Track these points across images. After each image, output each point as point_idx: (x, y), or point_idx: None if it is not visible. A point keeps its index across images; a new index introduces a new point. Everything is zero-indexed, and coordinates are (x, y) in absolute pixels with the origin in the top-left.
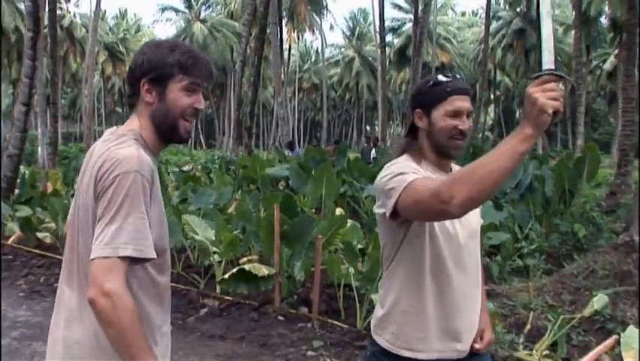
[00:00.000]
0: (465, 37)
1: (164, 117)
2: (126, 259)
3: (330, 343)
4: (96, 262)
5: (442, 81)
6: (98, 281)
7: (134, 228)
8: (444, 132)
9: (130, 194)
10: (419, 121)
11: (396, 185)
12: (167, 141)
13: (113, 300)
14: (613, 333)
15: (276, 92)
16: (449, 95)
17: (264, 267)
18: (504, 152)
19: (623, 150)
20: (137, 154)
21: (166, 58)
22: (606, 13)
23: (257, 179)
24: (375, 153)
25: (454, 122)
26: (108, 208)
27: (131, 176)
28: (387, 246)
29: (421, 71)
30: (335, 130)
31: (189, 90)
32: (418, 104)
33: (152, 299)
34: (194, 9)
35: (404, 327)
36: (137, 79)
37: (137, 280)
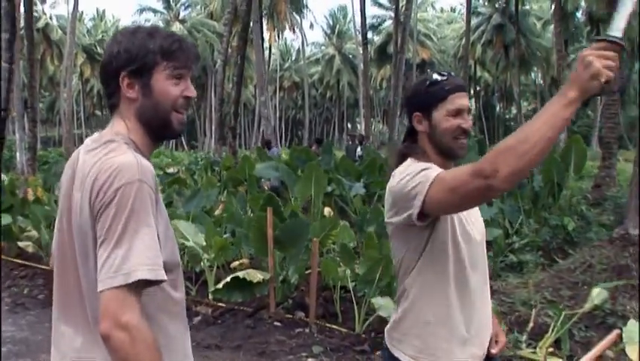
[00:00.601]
0: (444, 33)
1: (153, 113)
2: (140, 284)
3: (330, 348)
4: (107, 294)
5: (438, 80)
6: (112, 314)
7: (145, 246)
8: (448, 133)
9: (135, 208)
10: (419, 124)
11: (421, 180)
12: (159, 138)
13: (132, 334)
14: (614, 328)
15: (259, 90)
16: (449, 94)
17: (259, 273)
18: (547, 120)
19: (607, 143)
20: (136, 161)
21: (146, 45)
22: (582, 7)
23: (243, 180)
24: (362, 151)
25: (457, 121)
26: (112, 228)
27: (134, 186)
28: (407, 256)
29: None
30: (316, 128)
31: (177, 78)
32: (416, 106)
33: (173, 319)
34: (173, 9)
35: (428, 339)
36: (114, 73)
37: (154, 302)
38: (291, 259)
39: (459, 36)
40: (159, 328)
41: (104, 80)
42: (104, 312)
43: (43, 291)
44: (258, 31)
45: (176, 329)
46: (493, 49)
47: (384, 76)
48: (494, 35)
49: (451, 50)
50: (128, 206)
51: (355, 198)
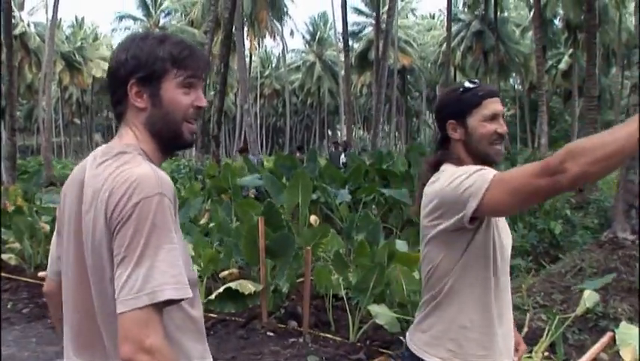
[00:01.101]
0: (425, 40)
1: (163, 123)
2: (161, 304)
3: (326, 358)
4: (129, 316)
5: (470, 87)
6: (135, 337)
7: (168, 263)
8: (484, 139)
9: (157, 223)
10: (453, 132)
11: (476, 182)
12: (170, 149)
13: (156, 357)
14: (607, 330)
15: (242, 98)
16: (483, 100)
17: (250, 283)
18: (629, 135)
19: None
20: (154, 173)
21: (156, 52)
22: (560, 15)
23: (227, 188)
24: (346, 158)
25: (493, 126)
26: (132, 246)
27: (155, 200)
28: (446, 260)
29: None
30: (297, 135)
31: (187, 87)
32: (450, 114)
33: (193, 338)
34: (153, 17)
35: (464, 343)
36: (122, 81)
37: (173, 322)
38: (282, 268)
39: (439, 42)
40: (179, 348)
41: (111, 87)
42: (126, 335)
43: (27, 305)
44: (240, 38)
45: (195, 348)
46: (472, 55)
47: (364, 82)
48: (474, 42)
49: (431, 57)
50: (149, 221)
51: (341, 205)
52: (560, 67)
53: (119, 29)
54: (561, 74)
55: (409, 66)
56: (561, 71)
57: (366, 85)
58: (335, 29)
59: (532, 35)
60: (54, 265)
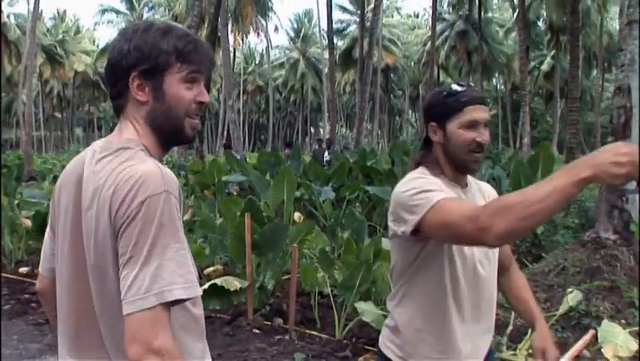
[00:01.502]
0: (408, 39)
1: (165, 118)
2: (168, 304)
3: (312, 355)
4: (137, 317)
5: (456, 91)
6: (144, 338)
7: (177, 263)
8: (461, 146)
9: (164, 222)
10: (434, 135)
11: (421, 202)
12: (170, 144)
13: (165, 359)
14: (589, 328)
15: (226, 94)
16: (465, 106)
17: (236, 280)
18: (553, 192)
19: (570, 148)
20: (159, 170)
21: (160, 44)
22: (543, 17)
23: (211, 185)
24: (330, 156)
25: (472, 134)
26: (139, 245)
27: (162, 198)
28: (399, 263)
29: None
30: (280, 132)
31: (190, 81)
32: (432, 116)
33: (196, 338)
34: (136, 11)
35: (418, 346)
36: (123, 73)
37: (177, 322)
38: (268, 265)
39: (422, 42)
40: (183, 348)
41: (111, 79)
42: (134, 336)
43: (8, 301)
44: (225, 34)
45: (197, 347)
46: (456, 55)
47: (347, 80)
48: (458, 41)
49: (414, 56)
50: (156, 220)
51: (325, 202)
52: (542, 68)
53: (102, 22)
54: (543, 75)
55: (392, 65)
56: (543, 73)
57: (350, 83)
58: (319, 26)
59: (516, 36)
60: (47, 262)
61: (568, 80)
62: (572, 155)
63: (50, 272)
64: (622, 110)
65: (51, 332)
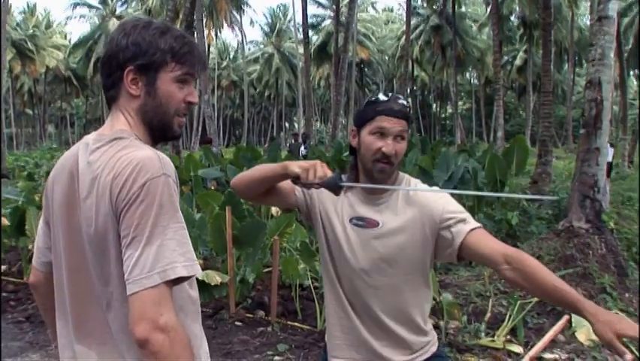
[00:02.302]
0: (383, 33)
1: (155, 114)
2: (171, 283)
3: (295, 346)
4: (142, 295)
5: (377, 100)
6: (150, 316)
7: (177, 242)
8: (368, 153)
9: (163, 203)
10: (352, 139)
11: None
12: (159, 139)
13: (171, 335)
14: (563, 313)
15: (202, 89)
16: (377, 115)
17: (217, 274)
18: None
19: (543, 141)
20: (156, 155)
21: (157, 42)
22: (516, 12)
23: (188, 180)
24: (305, 150)
25: (379, 143)
26: (140, 226)
27: (160, 181)
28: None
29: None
30: (255, 127)
31: (182, 82)
32: (355, 121)
33: (194, 319)
34: (109, 5)
35: (330, 340)
36: (119, 65)
37: (176, 303)
38: (248, 259)
39: (397, 36)
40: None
41: (106, 70)
42: (140, 315)
43: None
44: (200, 29)
45: (196, 328)
46: (431, 49)
47: (322, 75)
48: (432, 36)
49: (389, 50)
50: (156, 201)
51: None
52: (515, 63)
53: (74, 17)
54: (516, 69)
55: (367, 59)
56: (516, 67)
57: (325, 78)
58: (295, 21)
59: (490, 31)
60: (42, 255)
61: (540, 74)
62: (545, 147)
63: (44, 266)
64: (593, 104)
65: (32, 329)
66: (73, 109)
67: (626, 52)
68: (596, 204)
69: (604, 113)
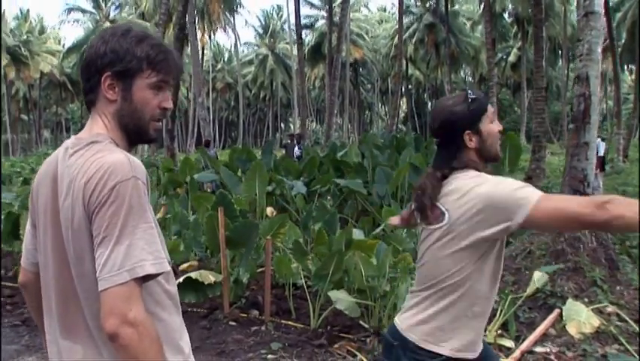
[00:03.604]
0: (377, 33)
1: (131, 119)
2: (140, 280)
3: (289, 344)
4: (112, 291)
5: (475, 97)
6: (119, 311)
7: (146, 241)
8: (495, 138)
9: (132, 204)
10: (470, 142)
11: (527, 195)
12: (135, 142)
13: (139, 330)
14: (554, 307)
15: (196, 92)
16: (486, 105)
17: (211, 274)
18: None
19: (536, 137)
20: (127, 158)
21: (134, 50)
22: (509, 9)
23: (184, 183)
24: (300, 151)
25: (498, 126)
26: (110, 226)
27: (130, 183)
28: (468, 264)
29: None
30: (250, 129)
31: (157, 88)
32: (465, 126)
33: (171, 312)
34: (102, 9)
35: (464, 332)
36: (97, 71)
37: (152, 298)
38: (242, 259)
39: (391, 35)
40: (159, 321)
41: (86, 75)
42: (110, 310)
43: None
44: (193, 32)
45: (173, 321)
46: (424, 47)
47: (317, 75)
48: (426, 34)
49: (383, 49)
50: (125, 203)
51: (297, 196)
52: (509, 59)
53: (68, 22)
54: (510, 66)
55: (361, 59)
56: (510, 64)
57: (320, 78)
58: (289, 22)
59: (483, 29)
60: (30, 256)
61: (533, 71)
62: (539, 143)
63: (33, 266)
64: (581, 98)
65: (28, 333)
66: (69, 114)
67: (619, 47)
68: None
69: (592, 108)
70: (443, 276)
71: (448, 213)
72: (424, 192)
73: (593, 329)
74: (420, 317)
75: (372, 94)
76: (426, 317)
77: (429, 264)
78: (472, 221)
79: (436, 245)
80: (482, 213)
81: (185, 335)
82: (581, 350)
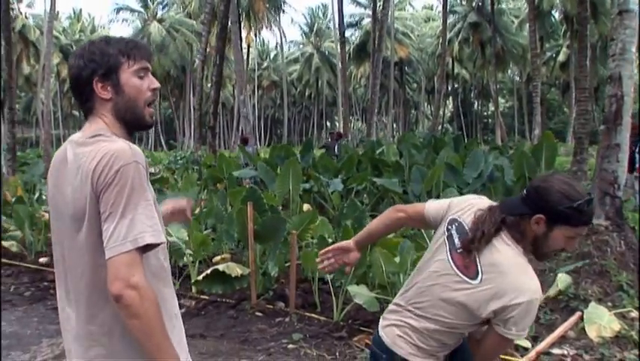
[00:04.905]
0: (423, 31)
1: (127, 107)
2: (141, 250)
3: (309, 335)
4: (117, 259)
5: (583, 208)
6: (123, 276)
7: (146, 216)
8: (553, 248)
9: (134, 185)
10: (536, 225)
11: (518, 334)
12: (134, 129)
13: (141, 292)
14: (576, 310)
15: (238, 90)
16: (581, 225)
17: (238, 267)
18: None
19: (579, 138)
20: (128, 146)
21: (106, 50)
22: (558, 7)
23: (223, 178)
24: (338, 149)
25: (565, 244)
26: (116, 204)
27: (132, 167)
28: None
29: (381, 65)
30: (295, 127)
31: (140, 73)
32: (546, 212)
33: (166, 285)
34: (150, 8)
35: None
36: (86, 81)
37: (150, 269)
38: (271, 253)
39: (437, 34)
40: (156, 291)
41: (77, 89)
42: (115, 275)
43: (29, 288)
44: (236, 31)
45: (167, 292)
46: (470, 46)
47: (363, 74)
48: (471, 33)
49: (429, 48)
50: (128, 184)
51: (334, 194)
52: (559, 59)
53: (117, 21)
54: (559, 65)
55: (406, 58)
56: (559, 63)
57: (366, 76)
58: (334, 21)
59: (528, 27)
60: None
61: (576, 70)
62: (581, 145)
63: None
64: (613, 99)
65: None
66: None
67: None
68: (617, 201)
69: (624, 109)
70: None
71: (480, 278)
72: (484, 224)
73: (613, 333)
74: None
75: (418, 93)
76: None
77: (426, 295)
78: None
79: (446, 290)
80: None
81: (176, 305)
82: (598, 354)
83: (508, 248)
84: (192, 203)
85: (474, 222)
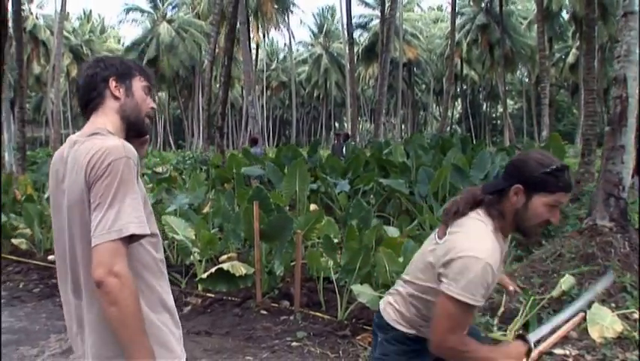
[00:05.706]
0: (432, 32)
1: (133, 110)
2: (127, 240)
3: (313, 333)
4: (102, 247)
5: (557, 172)
6: (106, 263)
7: (133, 208)
8: (536, 220)
9: (124, 178)
10: (514, 196)
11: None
12: (133, 131)
13: (122, 281)
14: (579, 311)
15: (246, 90)
16: (559, 191)
17: (242, 266)
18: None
19: (587, 140)
20: (121, 143)
21: (125, 61)
22: (567, 7)
23: (231, 178)
24: (345, 150)
25: (549, 214)
26: (105, 195)
27: (122, 161)
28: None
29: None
30: (304, 127)
31: (147, 91)
32: (523, 181)
33: (158, 277)
34: (160, 9)
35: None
36: (102, 79)
37: (139, 262)
38: (277, 252)
39: (445, 35)
40: (145, 283)
41: (91, 87)
42: (99, 262)
43: (38, 285)
44: (245, 32)
45: (158, 284)
46: (478, 48)
47: (372, 75)
48: (479, 34)
49: (438, 49)
50: (118, 177)
51: (340, 195)
52: (568, 60)
53: (126, 21)
54: (568, 67)
55: (414, 59)
56: (568, 65)
57: (374, 77)
58: (342, 22)
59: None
60: None
61: (584, 72)
62: (589, 146)
63: None
64: (618, 101)
65: None
66: None
67: None
68: (621, 202)
69: (629, 110)
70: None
71: (445, 239)
72: (456, 205)
73: (615, 334)
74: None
75: (426, 94)
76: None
77: (413, 262)
78: (440, 271)
79: (424, 254)
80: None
81: (169, 296)
82: (600, 355)
83: (476, 217)
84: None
85: (453, 200)
